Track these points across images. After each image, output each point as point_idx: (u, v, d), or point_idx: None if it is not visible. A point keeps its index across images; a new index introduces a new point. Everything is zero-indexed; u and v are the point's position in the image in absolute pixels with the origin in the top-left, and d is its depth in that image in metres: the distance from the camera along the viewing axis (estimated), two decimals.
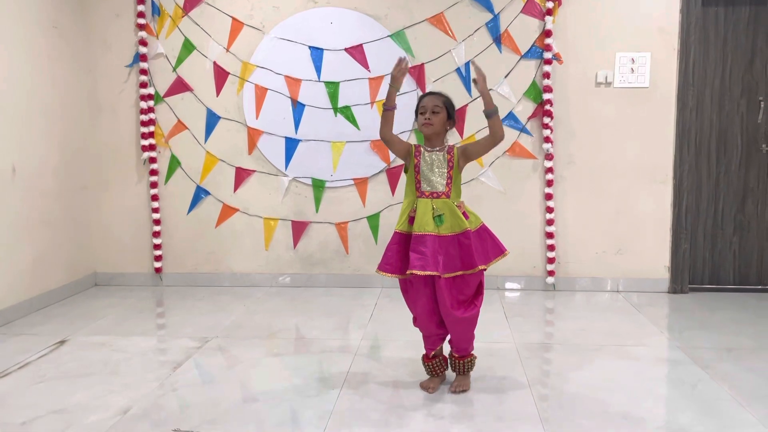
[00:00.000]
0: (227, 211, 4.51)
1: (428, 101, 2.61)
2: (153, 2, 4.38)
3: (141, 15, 4.36)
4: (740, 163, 4.25)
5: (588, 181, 4.27)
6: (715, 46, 4.19)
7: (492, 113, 2.53)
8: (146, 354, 3.16)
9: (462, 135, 4.25)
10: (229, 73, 4.39)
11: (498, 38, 4.21)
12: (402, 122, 4.30)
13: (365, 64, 4.30)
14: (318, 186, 4.42)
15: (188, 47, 4.40)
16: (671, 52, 4.15)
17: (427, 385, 2.68)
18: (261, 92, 4.37)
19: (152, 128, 4.47)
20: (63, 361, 3.06)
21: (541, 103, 4.21)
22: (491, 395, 2.63)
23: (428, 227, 2.51)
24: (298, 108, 4.37)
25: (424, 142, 2.65)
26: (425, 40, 4.25)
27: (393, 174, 4.36)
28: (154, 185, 4.50)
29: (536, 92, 4.22)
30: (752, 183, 4.26)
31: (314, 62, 4.33)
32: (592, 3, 4.16)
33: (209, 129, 4.45)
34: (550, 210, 4.26)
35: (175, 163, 4.51)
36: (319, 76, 4.34)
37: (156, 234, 4.53)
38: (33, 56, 3.94)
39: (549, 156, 4.22)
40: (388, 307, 3.96)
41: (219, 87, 4.41)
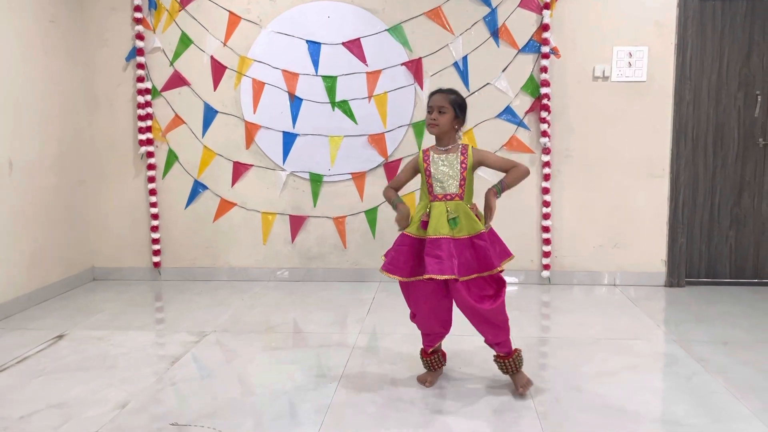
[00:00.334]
0: (225, 206, 4.51)
1: (435, 100, 2.52)
2: None
3: (138, 9, 4.35)
4: (737, 157, 4.26)
5: (585, 175, 4.28)
6: (713, 40, 4.19)
7: (500, 191, 2.55)
8: (144, 348, 3.17)
9: None
10: (227, 68, 4.39)
11: (495, 32, 4.21)
12: (399, 117, 4.31)
13: (363, 58, 4.29)
14: (316, 180, 4.43)
15: (185, 41, 4.39)
16: (668, 46, 4.15)
17: (425, 379, 2.69)
18: (258, 86, 4.37)
19: (149, 122, 4.46)
20: (61, 356, 3.07)
21: (539, 98, 4.21)
22: (488, 389, 2.64)
23: (443, 230, 2.45)
24: (296, 102, 4.36)
25: (435, 142, 2.59)
26: (422, 34, 4.25)
27: (391, 168, 4.36)
28: (152, 180, 4.50)
29: (534, 86, 4.22)
30: (749, 177, 4.27)
31: (311, 56, 4.33)
32: None
33: (207, 123, 4.45)
34: (547, 204, 4.27)
35: (173, 158, 4.50)
36: (317, 71, 4.33)
37: (154, 228, 4.54)
38: (29, 50, 3.93)
39: (546, 150, 4.23)
40: (386, 302, 3.97)
41: (216, 81, 4.41)
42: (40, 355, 3.09)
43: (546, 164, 4.24)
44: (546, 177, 4.25)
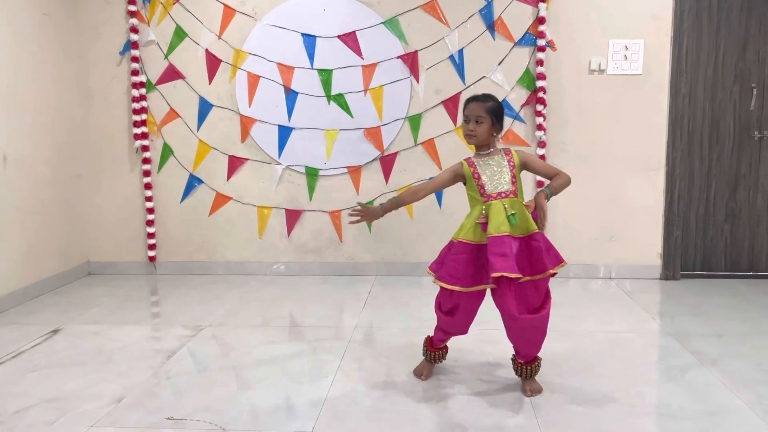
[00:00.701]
0: (221, 200, 4.50)
1: (471, 109, 2.45)
2: None
3: (132, 2, 4.32)
4: (732, 150, 4.27)
5: (580, 169, 4.27)
6: (708, 34, 4.18)
7: (550, 195, 2.48)
8: (140, 343, 3.17)
9: (455, 123, 4.24)
10: (222, 61, 4.37)
11: (491, 25, 4.20)
12: (395, 111, 4.30)
13: (358, 52, 4.28)
14: (311, 174, 4.42)
15: (180, 34, 4.37)
16: (664, 39, 4.14)
17: (421, 372, 2.69)
18: (254, 80, 4.35)
19: (144, 116, 4.44)
20: (56, 350, 3.07)
21: (535, 91, 4.20)
22: (483, 382, 2.65)
23: (504, 227, 2.36)
24: (291, 96, 4.35)
25: (475, 150, 2.53)
26: (418, 27, 4.23)
27: (387, 162, 4.35)
28: (147, 174, 4.49)
29: (529, 79, 4.21)
30: (744, 170, 4.28)
31: (307, 49, 4.31)
32: None
33: (202, 117, 4.43)
34: None
35: (168, 152, 4.49)
36: (312, 64, 4.32)
37: (149, 223, 4.52)
38: (23, 43, 3.90)
39: (542, 143, 4.23)
40: (382, 295, 3.98)
41: (211, 75, 4.38)
42: (35, 350, 3.08)
43: (541, 157, 4.23)
44: None
